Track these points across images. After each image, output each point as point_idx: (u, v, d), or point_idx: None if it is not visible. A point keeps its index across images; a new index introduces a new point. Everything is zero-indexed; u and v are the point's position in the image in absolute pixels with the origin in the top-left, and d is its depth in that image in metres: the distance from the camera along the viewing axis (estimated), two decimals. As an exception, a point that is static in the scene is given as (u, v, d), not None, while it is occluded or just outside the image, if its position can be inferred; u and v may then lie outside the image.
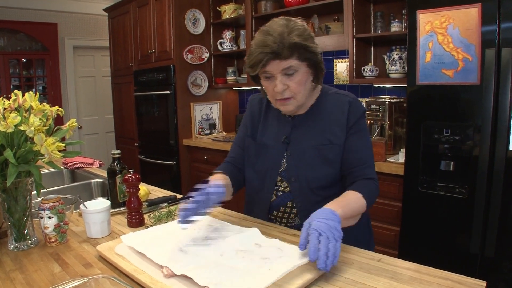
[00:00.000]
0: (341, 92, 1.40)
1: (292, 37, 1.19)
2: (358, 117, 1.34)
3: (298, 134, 1.38)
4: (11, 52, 5.05)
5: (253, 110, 1.53)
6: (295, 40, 1.19)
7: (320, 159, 1.33)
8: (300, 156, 1.36)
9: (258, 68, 1.23)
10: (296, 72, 1.24)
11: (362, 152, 1.33)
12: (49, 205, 1.30)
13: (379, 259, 1.10)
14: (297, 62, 1.22)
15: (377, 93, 3.13)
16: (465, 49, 1.94)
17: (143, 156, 4.50)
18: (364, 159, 1.32)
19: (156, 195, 1.86)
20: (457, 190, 2.06)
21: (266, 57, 1.20)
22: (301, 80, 1.25)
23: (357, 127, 1.33)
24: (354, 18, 2.85)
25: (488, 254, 1.98)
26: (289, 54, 1.20)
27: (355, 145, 1.32)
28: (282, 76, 1.24)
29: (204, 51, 4.09)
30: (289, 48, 1.19)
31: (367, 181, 1.29)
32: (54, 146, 1.22)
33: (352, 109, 1.33)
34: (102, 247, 1.20)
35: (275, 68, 1.22)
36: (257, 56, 1.21)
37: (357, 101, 1.37)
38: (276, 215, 1.44)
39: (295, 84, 1.25)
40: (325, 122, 1.35)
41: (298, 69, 1.24)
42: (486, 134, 1.91)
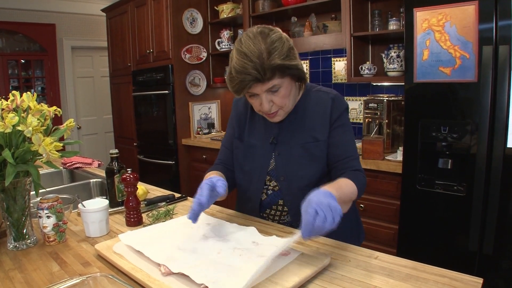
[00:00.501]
0: (324, 89, 1.41)
1: (272, 59, 1.17)
2: (340, 112, 1.35)
3: (285, 134, 1.39)
4: (9, 53, 5.05)
5: (239, 111, 1.53)
6: (276, 62, 1.17)
7: (307, 157, 1.35)
8: (287, 156, 1.37)
9: (243, 93, 1.23)
10: (280, 88, 1.24)
11: (346, 146, 1.34)
12: (48, 204, 1.30)
13: (376, 256, 1.11)
14: (279, 80, 1.22)
15: (375, 91, 3.13)
16: (463, 47, 1.95)
17: (142, 156, 4.50)
18: (349, 152, 1.33)
19: (155, 194, 1.87)
20: (455, 188, 2.06)
21: (249, 83, 1.19)
22: (286, 93, 1.26)
23: (340, 122, 1.35)
24: (352, 16, 2.85)
25: (487, 252, 1.98)
26: (270, 76, 1.19)
27: (339, 139, 1.34)
28: (267, 94, 1.24)
29: (202, 50, 4.09)
30: (270, 71, 1.17)
31: (355, 172, 1.29)
32: (52, 146, 1.22)
33: (335, 105, 1.35)
34: (100, 246, 1.20)
35: (258, 89, 1.22)
36: (240, 83, 1.20)
37: (340, 97, 1.38)
38: (268, 213, 1.45)
39: (280, 99, 1.25)
40: (309, 120, 1.36)
41: (282, 84, 1.23)
42: (484, 131, 1.91)
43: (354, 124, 3.30)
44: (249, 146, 1.45)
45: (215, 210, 1.60)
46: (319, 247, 1.18)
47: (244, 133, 1.48)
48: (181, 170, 4.05)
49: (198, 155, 3.92)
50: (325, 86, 1.48)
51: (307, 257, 1.05)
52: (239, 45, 1.22)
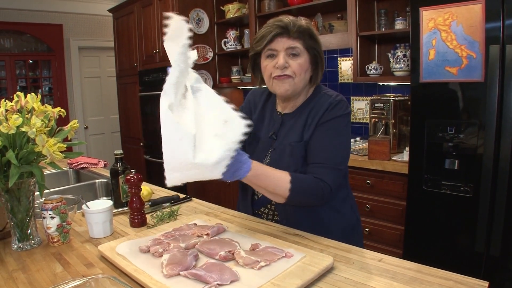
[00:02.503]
0: (330, 93, 1.37)
1: (303, 23, 1.27)
2: (332, 117, 1.30)
3: (284, 131, 1.39)
4: (17, 54, 5.09)
5: (252, 100, 1.55)
6: (305, 25, 1.27)
7: (295, 156, 1.33)
8: (280, 153, 1.37)
9: (265, 41, 1.26)
10: (299, 55, 1.27)
11: (322, 151, 1.28)
12: (52, 205, 1.31)
13: (380, 259, 1.10)
14: (302, 47, 1.27)
15: (382, 91, 3.11)
16: (469, 46, 1.92)
17: (148, 156, 4.51)
18: (321, 158, 1.27)
19: (160, 195, 1.87)
20: (462, 189, 2.04)
21: (275, 30, 1.25)
22: (303, 64, 1.28)
23: (327, 126, 1.29)
24: (358, 16, 2.83)
25: (493, 253, 1.96)
26: (296, 35, 1.25)
27: (318, 142, 1.30)
28: (285, 55, 1.27)
29: (208, 50, 4.09)
30: (298, 31, 1.25)
31: (310, 176, 1.24)
32: (56, 147, 1.22)
33: (330, 109, 1.31)
34: (103, 247, 1.20)
35: (280, 45, 1.26)
36: (267, 29, 1.26)
37: (340, 103, 1.32)
38: (262, 211, 1.47)
39: (297, 65, 1.27)
40: (305, 121, 1.35)
41: (302, 53, 1.27)
42: (491, 131, 1.89)
43: (360, 124, 3.29)
44: (253, 138, 1.46)
45: (219, 211, 1.59)
46: (322, 249, 1.17)
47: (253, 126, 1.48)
48: (187, 170, 4.04)
49: (204, 155, 3.91)
50: (331, 86, 1.48)
51: (310, 260, 1.04)
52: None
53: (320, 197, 1.24)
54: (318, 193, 1.23)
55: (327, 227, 1.36)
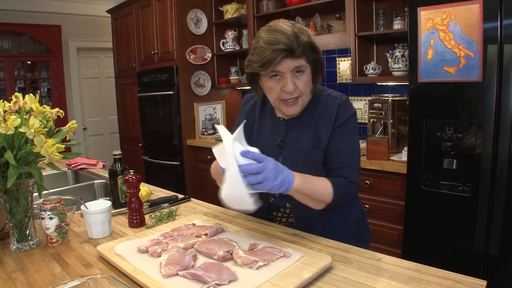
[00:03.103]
0: (333, 94, 1.37)
1: (304, 37, 1.19)
2: (345, 119, 1.30)
3: (292, 137, 1.37)
4: (15, 55, 5.09)
5: (248, 110, 1.52)
6: (307, 39, 1.20)
7: (311, 163, 1.31)
8: (293, 160, 1.33)
9: (272, 66, 1.19)
10: (304, 73, 1.23)
11: (344, 154, 1.30)
12: (50, 206, 1.31)
13: (379, 258, 1.10)
14: (305, 62, 1.23)
15: (380, 91, 3.11)
16: (467, 46, 1.93)
17: (147, 157, 4.51)
18: (345, 161, 1.29)
19: (158, 195, 1.87)
20: (460, 188, 2.04)
21: (281, 54, 1.17)
22: (307, 81, 1.25)
23: (343, 129, 1.30)
24: (356, 16, 2.83)
25: (492, 253, 1.96)
26: (301, 53, 1.19)
27: (337, 146, 1.30)
28: (291, 75, 1.22)
29: (206, 51, 4.10)
30: (302, 47, 1.19)
31: (343, 179, 1.26)
32: (54, 147, 1.22)
33: (340, 111, 1.31)
34: (102, 248, 1.20)
35: (286, 67, 1.20)
36: (271, 54, 1.17)
37: (347, 103, 1.33)
38: (275, 215, 1.45)
39: (303, 84, 1.24)
40: (315, 125, 1.33)
41: (306, 69, 1.24)
42: (489, 131, 1.89)
43: (359, 124, 3.29)
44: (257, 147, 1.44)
45: (218, 211, 1.59)
46: (321, 249, 1.17)
47: (253, 135, 1.45)
48: (186, 171, 4.06)
49: (203, 156, 3.92)
50: (329, 86, 1.47)
51: (308, 259, 1.05)
52: (266, 27, 1.24)
53: (353, 198, 1.32)
54: (353, 195, 1.30)
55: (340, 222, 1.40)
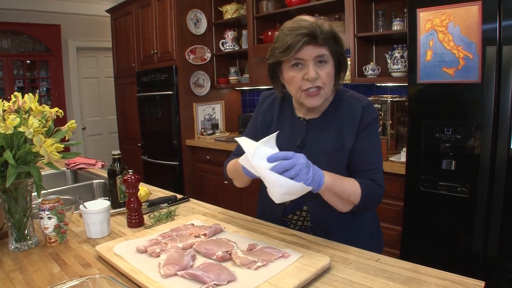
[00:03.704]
0: (356, 95, 1.34)
1: (327, 26, 1.19)
2: (369, 122, 1.29)
3: (312, 138, 1.34)
4: (15, 54, 5.08)
5: (265, 109, 1.49)
6: (329, 29, 1.20)
7: (333, 165, 1.27)
8: (313, 161, 1.22)
9: (293, 51, 1.17)
10: (327, 62, 1.21)
11: (370, 157, 1.29)
12: (49, 205, 1.31)
13: (377, 259, 1.10)
14: (328, 53, 1.21)
15: (379, 92, 3.12)
16: (466, 47, 1.93)
17: (146, 157, 4.51)
18: (372, 164, 1.28)
19: (157, 195, 1.87)
20: (459, 189, 2.05)
21: (303, 39, 1.16)
22: (330, 73, 1.23)
23: (368, 132, 1.29)
24: (356, 17, 2.84)
25: (491, 253, 1.97)
26: (323, 41, 1.18)
27: (363, 149, 1.28)
28: (313, 64, 1.20)
29: (206, 51, 4.10)
30: (324, 35, 1.17)
31: (370, 181, 1.25)
32: (53, 147, 1.22)
33: (365, 114, 1.29)
34: (101, 247, 1.20)
35: (308, 54, 1.18)
36: (293, 39, 1.16)
37: (371, 106, 1.31)
38: (290, 218, 1.41)
39: (326, 74, 1.21)
40: (338, 126, 1.30)
41: (328, 60, 1.22)
42: (488, 132, 1.90)
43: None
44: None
45: (217, 211, 1.60)
46: (319, 250, 1.17)
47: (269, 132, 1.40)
48: (185, 171, 4.06)
49: (202, 156, 3.92)
50: None
51: (307, 260, 1.05)
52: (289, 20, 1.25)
53: (379, 200, 1.29)
54: (379, 197, 1.28)
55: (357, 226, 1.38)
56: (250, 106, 4.41)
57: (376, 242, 1.46)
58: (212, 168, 3.81)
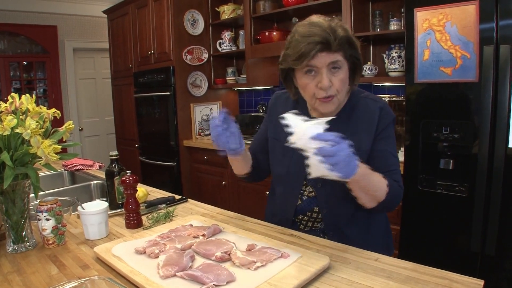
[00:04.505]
0: (372, 96, 1.33)
1: (341, 30, 1.15)
2: (387, 124, 1.28)
3: None
4: (11, 55, 5.06)
5: (279, 108, 1.44)
6: (344, 33, 1.15)
7: None
8: None
9: (307, 59, 1.14)
10: (341, 69, 1.18)
11: (389, 158, 1.27)
12: (47, 207, 1.30)
13: (376, 258, 1.10)
14: (342, 58, 1.17)
15: (377, 92, 3.12)
16: (463, 47, 1.94)
17: (143, 158, 4.50)
18: (390, 166, 1.26)
19: (155, 196, 1.86)
20: (457, 189, 2.05)
21: (316, 47, 1.12)
22: (344, 78, 1.20)
23: (385, 134, 1.28)
24: (353, 17, 2.84)
25: (489, 253, 1.97)
26: (337, 47, 1.14)
27: (381, 151, 1.27)
28: (327, 71, 1.17)
29: (203, 51, 4.09)
30: (339, 41, 1.14)
31: (394, 182, 1.23)
32: (51, 148, 1.21)
33: (382, 116, 1.27)
34: (99, 249, 1.19)
35: (322, 61, 1.15)
36: (306, 46, 1.13)
37: (388, 107, 1.30)
38: (301, 219, 1.39)
39: (339, 81, 1.18)
40: (354, 128, 1.28)
41: (343, 65, 1.18)
42: (485, 131, 1.90)
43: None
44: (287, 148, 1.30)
45: (215, 212, 1.59)
46: (319, 249, 1.17)
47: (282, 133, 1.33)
48: (183, 172, 4.05)
49: (199, 157, 3.91)
50: None
51: (306, 260, 1.05)
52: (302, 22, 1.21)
53: (399, 201, 1.27)
54: (400, 197, 1.26)
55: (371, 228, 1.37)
56: (247, 106, 4.41)
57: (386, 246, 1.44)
58: (210, 169, 3.80)
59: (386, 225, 1.47)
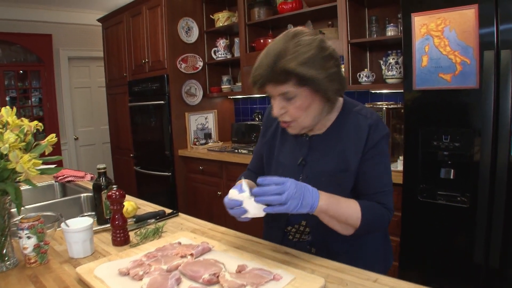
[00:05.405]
0: (364, 111, 1.26)
1: (285, 62, 1.07)
2: (376, 141, 1.20)
3: (315, 157, 1.27)
4: (6, 64, 5.01)
5: (270, 123, 1.44)
6: (287, 66, 1.07)
7: (335, 186, 1.21)
8: (314, 181, 1.20)
9: (255, 88, 1.15)
10: (296, 97, 1.12)
11: (377, 179, 1.22)
12: (28, 224, 1.24)
13: (376, 279, 1.03)
14: (294, 88, 1.10)
15: (374, 99, 3.07)
16: (463, 52, 1.88)
17: (138, 167, 4.43)
18: (378, 187, 1.21)
19: (146, 210, 1.79)
20: (459, 199, 1.98)
21: (260, 80, 1.12)
22: (302, 105, 1.13)
23: (374, 152, 1.21)
24: (349, 23, 2.79)
25: (493, 265, 1.90)
26: (284, 79, 1.09)
27: (370, 171, 1.21)
28: (281, 99, 1.14)
29: (198, 60, 4.04)
30: (282, 74, 1.08)
31: (376, 204, 1.19)
32: (31, 163, 1.15)
33: (371, 134, 1.20)
34: (81, 269, 1.13)
35: (272, 91, 1.14)
36: (254, 78, 1.14)
37: (378, 124, 1.22)
38: (290, 229, 1.37)
39: (294, 109, 1.14)
40: (343, 145, 1.23)
41: (297, 94, 1.12)
42: (487, 139, 1.84)
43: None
44: (278, 164, 1.36)
45: (207, 227, 1.53)
46: (314, 269, 1.10)
47: (275, 149, 1.38)
48: (178, 182, 3.98)
49: (194, 167, 3.84)
50: None
51: (300, 282, 0.98)
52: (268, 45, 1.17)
53: (385, 224, 1.22)
54: (385, 221, 1.21)
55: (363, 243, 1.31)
56: (243, 115, 4.35)
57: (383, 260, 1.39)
58: (205, 179, 3.73)
59: (384, 237, 1.40)
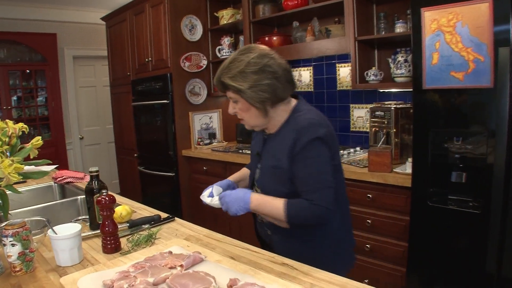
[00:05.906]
0: (302, 116, 1.36)
1: (224, 74, 1.34)
2: (304, 144, 1.29)
3: (266, 152, 1.46)
4: (11, 64, 4.98)
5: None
6: (223, 78, 1.34)
7: (274, 179, 1.40)
8: (264, 172, 1.46)
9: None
10: (238, 102, 1.37)
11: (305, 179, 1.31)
12: (12, 231, 1.18)
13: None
14: (234, 95, 1.35)
15: (382, 98, 2.97)
16: (476, 49, 1.78)
17: (142, 167, 4.37)
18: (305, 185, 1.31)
19: (142, 214, 1.72)
20: (471, 204, 1.88)
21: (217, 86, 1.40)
22: (243, 108, 1.37)
23: (303, 154, 1.30)
24: (356, 19, 2.70)
25: (506, 274, 1.80)
26: (226, 88, 1.36)
27: (298, 171, 1.32)
28: (231, 101, 1.40)
29: (202, 58, 3.96)
30: (223, 84, 1.35)
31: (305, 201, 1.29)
32: (12, 168, 1.09)
33: (300, 137, 1.31)
34: (65, 280, 1.07)
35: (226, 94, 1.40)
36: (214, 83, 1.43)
37: (311, 127, 1.31)
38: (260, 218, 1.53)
39: (239, 110, 1.39)
40: (279, 146, 1.38)
41: (238, 99, 1.36)
42: (502, 141, 1.74)
43: (360, 133, 3.14)
44: (251, 154, 1.61)
45: (202, 234, 1.45)
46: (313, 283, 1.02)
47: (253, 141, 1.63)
48: (182, 182, 3.91)
49: (198, 167, 3.77)
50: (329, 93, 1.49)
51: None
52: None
53: (317, 218, 1.30)
54: (314, 216, 1.29)
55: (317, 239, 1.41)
56: (248, 114, 4.26)
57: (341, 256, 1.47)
58: (209, 179, 3.65)
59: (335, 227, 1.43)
